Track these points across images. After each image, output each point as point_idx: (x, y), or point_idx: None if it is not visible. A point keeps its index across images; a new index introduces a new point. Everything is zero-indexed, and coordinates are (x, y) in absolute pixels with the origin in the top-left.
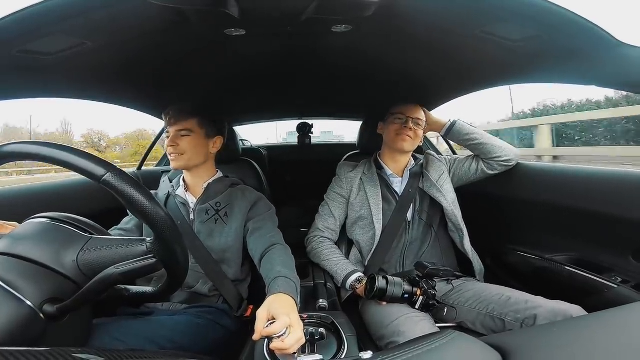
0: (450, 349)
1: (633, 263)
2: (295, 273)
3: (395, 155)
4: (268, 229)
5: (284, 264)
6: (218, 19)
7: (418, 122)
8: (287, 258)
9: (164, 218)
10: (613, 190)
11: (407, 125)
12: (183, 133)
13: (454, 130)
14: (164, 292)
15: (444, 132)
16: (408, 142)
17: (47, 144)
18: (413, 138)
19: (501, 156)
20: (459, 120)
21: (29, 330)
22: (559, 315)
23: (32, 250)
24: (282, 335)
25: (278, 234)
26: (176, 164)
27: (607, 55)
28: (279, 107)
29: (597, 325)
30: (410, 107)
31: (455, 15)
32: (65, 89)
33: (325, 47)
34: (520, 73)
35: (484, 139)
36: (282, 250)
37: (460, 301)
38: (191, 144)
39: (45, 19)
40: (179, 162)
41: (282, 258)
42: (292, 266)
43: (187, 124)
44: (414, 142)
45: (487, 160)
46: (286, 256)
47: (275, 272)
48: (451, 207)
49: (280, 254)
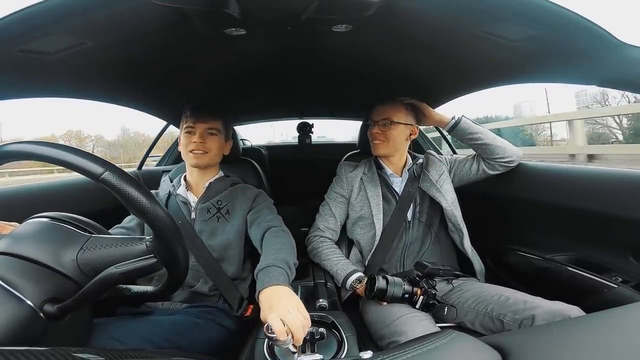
0: (450, 348)
1: (633, 263)
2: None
3: (381, 157)
4: (264, 215)
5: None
6: (218, 18)
7: (385, 123)
8: (279, 240)
9: (163, 217)
10: (613, 190)
11: (373, 130)
12: (212, 132)
13: (458, 128)
14: (164, 292)
15: (447, 128)
16: (380, 147)
17: (46, 144)
18: (385, 141)
19: (503, 157)
20: (464, 118)
21: (29, 330)
22: (557, 315)
23: (32, 249)
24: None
25: (276, 219)
26: (200, 161)
27: (608, 55)
28: (279, 106)
29: (597, 325)
30: (380, 110)
31: (456, 15)
32: (66, 89)
33: (325, 46)
34: (520, 73)
35: (487, 139)
36: (276, 232)
37: (460, 301)
38: (217, 144)
39: (46, 19)
40: (203, 160)
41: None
42: (284, 248)
43: (215, 124)
44: (387, 144)
45: (489, 161)
46: (277, 238)
47: (259, 266)
48: (450, 208)
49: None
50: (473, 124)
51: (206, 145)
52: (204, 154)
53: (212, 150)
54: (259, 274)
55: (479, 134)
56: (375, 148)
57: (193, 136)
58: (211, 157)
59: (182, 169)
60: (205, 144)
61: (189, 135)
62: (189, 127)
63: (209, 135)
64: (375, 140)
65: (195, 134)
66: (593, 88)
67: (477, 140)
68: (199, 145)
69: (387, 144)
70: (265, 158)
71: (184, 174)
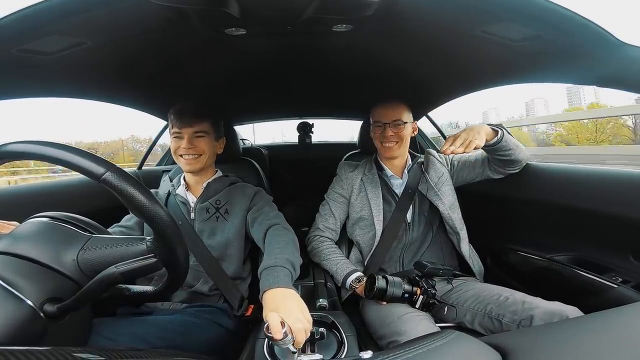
0: (450, 348)
1: (633, 263)
2: (287, 253)
3: (389, 158)
4: (265, 213)
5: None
6: (218, 18)
7: (397, 123)
8: (282, 239)
9: (164, 217)
10: (613, 190)
11: (386, 133)
12: (199, 134)
13: (500, 145)
14: (164, 292)
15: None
16: (395, 149)
17: (47, 144)
18: (398, 141)
19: (516, 167)
20: (507, 133)
21: (29, 330)
22: (556, 316)
23: (32, 249)
24: (286, 338)
25: (277, 217)
26: (194, 167)
27: (608, 55)
28: (279, 106)
29: (597, 325)
30: (388, 111)
31: (456, 14)
32: (65, 89)
33: (325, 46)
34: (521, 73)
35: (518, 155)
36: (279, 230)
37: (459, 301)
38: (207, 145)
39: (45, 18)
40: (195, 165)
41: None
42: (287, 247)
43: (203, 126)
44: (400, 145)
45: (501, 169)
46: (280, 237)
47: (263, 264)
48: (448, 212)
49: (276, 237)
50: (512, 137)
51: (196, 148)
52: (196, 158)
53: (205, 153)
54: (263, 273)
55: (513, 150)
56: (389, 150)
57: (181, 141)
58: (204, 160)
59: (181, 169)
60: (195, 148)
61: (177, 139)
62: (176, 132)
63: (197, 138)
64: (389, 142)
65: (183, 139)
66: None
67: (509, 157)
68: (188, 150)
69: (400, 145)
70: (266, 158)
71: (184, 174)
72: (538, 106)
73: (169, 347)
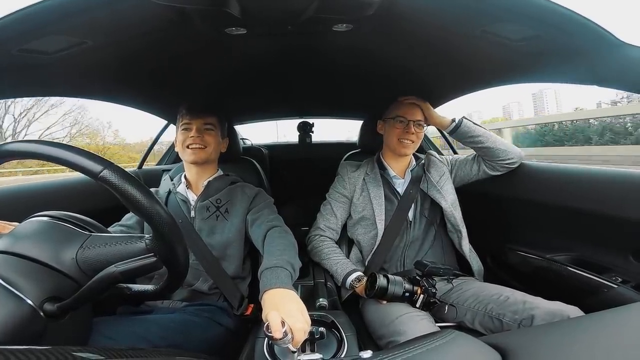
0: (450, 348)
1: (633, 263)
2: (288, 255)
3: (397, 157)
4: (265, 215)
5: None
6: (219, 17)
7: (420, 123)
8: (283, 241)
9: (163, 215)
10: (613, 190)
11: (409, 130)
12: (208, 127)
13: (459, 131)
14: (164, 291)
15: (448, 131)
16: (411, 147)
17: (44, 142)
18: (415, 141)
19: (505, 159)
20: (466, 120)
21: (29, 329)
22: (556, 316)
23: (32, 248)
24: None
25: (277, 219)
26: (198, 156)
27: (609, 55)
28: (279, 106)
29: (597, 325)
30: (414, 109)
31: (456, 14)
32: (65, 88)
33: (326, 46)
34: (521, 72)
35: (489, 142)
36: (279, 232)
37: (459, 300)
38: (214, 139)
39: (45, 18)
40: (200, 155)
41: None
42: (288, 249)
43: (211, 119)
44: (415, 144)
45: (490, 162)
46: (280, 239)
47: (264, 265)
48: (450, 209)
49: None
50: (475, 126)
51: (204, 139)
52: (202, 149)
53: (210, 145)
54: (263, 273)
55: (480, 136)
56: (405, 147)
57: (190, 132)
58: (209, 152)
59: (182, 167)
60: (202, 139)
61: (185, 131)
62: (186, 123)
63: (206, 130)
64: (407, 140)
65: (192, 130)
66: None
67: (478, 144)
68: (196, 140)
69: (416, 144)
70: (266, 157)
71: (185, 172)
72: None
73: (170, 346)
